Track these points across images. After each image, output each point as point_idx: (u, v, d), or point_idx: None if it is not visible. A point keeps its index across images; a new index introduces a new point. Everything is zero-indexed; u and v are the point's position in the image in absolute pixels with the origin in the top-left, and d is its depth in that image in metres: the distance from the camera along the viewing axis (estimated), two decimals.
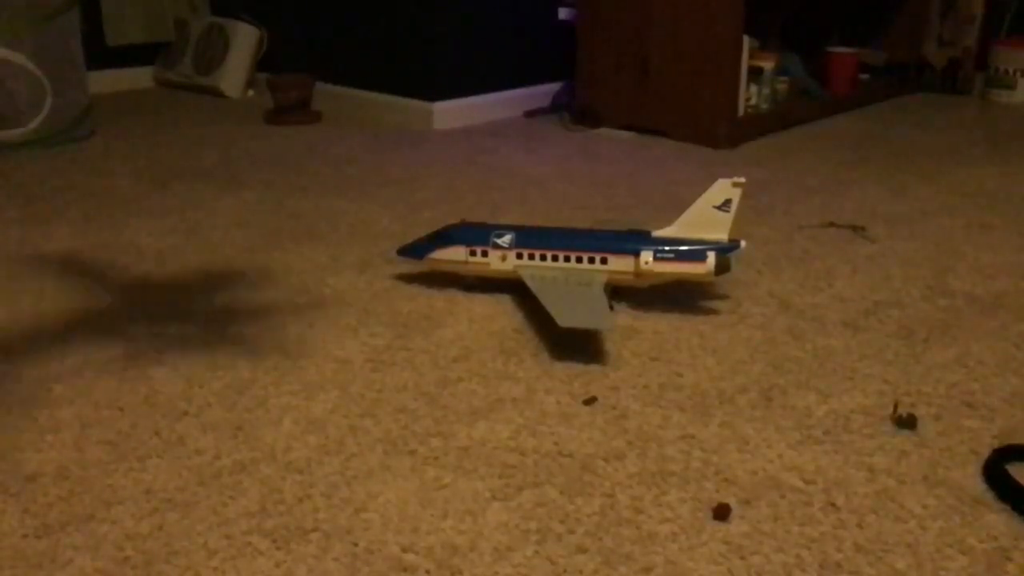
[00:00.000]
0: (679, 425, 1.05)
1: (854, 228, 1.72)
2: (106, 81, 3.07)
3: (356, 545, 0.84)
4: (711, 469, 0.96)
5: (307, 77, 2.76)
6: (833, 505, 0.90)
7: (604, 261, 1.34)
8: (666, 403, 1.10)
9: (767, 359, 1.21)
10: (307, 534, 0.86)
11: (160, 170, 2.16)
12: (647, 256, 1.31)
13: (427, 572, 0.81)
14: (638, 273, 1.33)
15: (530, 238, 1.36)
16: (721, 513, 0.88)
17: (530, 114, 2.83)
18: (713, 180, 1.34)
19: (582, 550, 0.84)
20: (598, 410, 1.08)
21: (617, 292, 1.38)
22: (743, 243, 1.36)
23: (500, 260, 1.36)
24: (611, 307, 1.32)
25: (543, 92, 2.88)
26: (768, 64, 2.58)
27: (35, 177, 2.10)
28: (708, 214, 1.33)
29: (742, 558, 0.83)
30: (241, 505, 0.90)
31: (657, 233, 1.36)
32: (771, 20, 2.92)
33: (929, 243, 1.65)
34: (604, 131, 2.60)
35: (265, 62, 3.10)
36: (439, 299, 1.40)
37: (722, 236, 1.35)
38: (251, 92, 3.13)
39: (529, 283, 1.31)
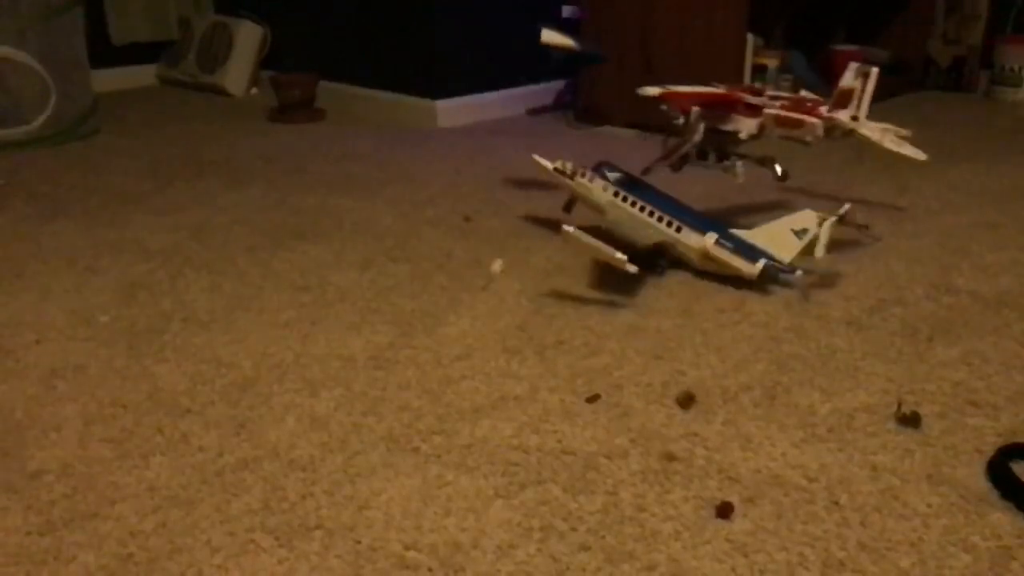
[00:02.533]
0: (682, 423, 1.05)
1: (858, 226, 1.71)
2: (110, 79, 3.08)
3: (359, 543, 0.84)
4: (714, 467, 0.96)
5: (311, 75, 2.76)
6: (836, 503, 0.90)
7: (679, 230, 1.45)
8: (669, 401, 1.10)
9: (770, 357, 1.21)
10: (310, 532, 0.86)
11: (164, 168, 2.16)
12: (711, 238, 1.42)
13: (430, 570, 0.81)
14: (702, 250, 1.43)
15: (631, 186, 1.51)
16: (724, 511, 0.88)
17: (533, 112, 2.83)
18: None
19: (585, 548, 0.84)
20: (601, 408, 1.08)
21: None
22: (799, 272, 1.41)
23: (601, 191, 1.52)
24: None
25: (546, 90, 2.88)
26: (772, 62, 2.58)
27: (39, 175, 2.10)
28: (784, 234, 1.43)
29: (745, 556, 0.83)
30: (244, 503, 0.90)
31: (733, 230, 1.45)
32: (775, 18, 2.91)
33: (933, 241, 1.65)
34: (607, 129, 2.60)
35: (269, 60, 3.10)
36: (442, 297, 1.40)
37: (786, 257, 1.42)
38: (255, 90, 3.13)
39: (607, 208, 1.51)
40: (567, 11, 2.80)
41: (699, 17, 2.35)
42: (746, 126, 1.49)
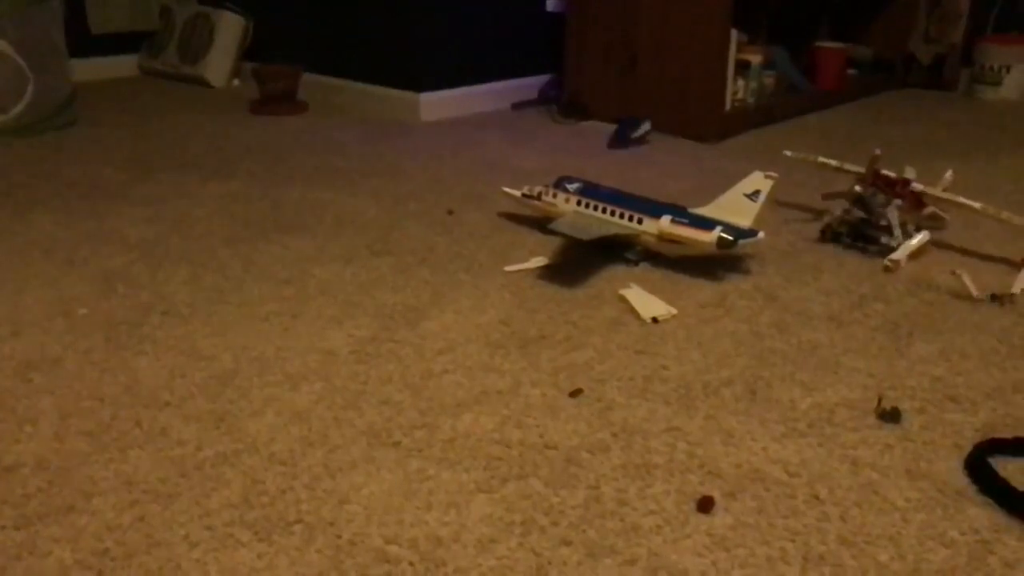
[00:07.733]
0: (664, 418, 1.05)
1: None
2: (90, 70, 3.05)
3: (339, 537, 0.84)
4: (695, 462, 0.96)
5: (293, 67, 2.75)
6: (817, 498, 0.91)
7: (640, 222, 1.50)
8: (651, 396, 1.10)
9: (752, 352, 1.21)
10: (290, 526, 0.85)
11: (144, 159, 2.14)
12: (667, 219, 1.47)
13: (410, 564, 0.81)
14: (658, 232, 1.48)
15: (592, 192, 1.59)
16: (705, 506, 0.88)
17: (517, 106, 2.82)
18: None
19: (566, 542, 0.84)
20: (583, 402, 1.08)
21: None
22: (761, 233, 1.46)
23: (564, 202, 1.61)
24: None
25: (530, 84, 2.88)
26: (756, 58, 2.59)
27: (17, 165, 2.07)
28: (738, 201, 1.48)
29: (726, 550, 0.83)
30: (223, 497, 0.90)
31: (692, 210, 1.51)
32: (759, 15, 2.92)
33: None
34: (591, 124, 2.60)
35: (251, 52, 3.08)
36: (424, 291, 1.40)
37: (746, 222, 1.47)
38: (236, 82, 3.11)
39: (570, 214, 1.57)
40: (551, 4, 2.80)
41: None
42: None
